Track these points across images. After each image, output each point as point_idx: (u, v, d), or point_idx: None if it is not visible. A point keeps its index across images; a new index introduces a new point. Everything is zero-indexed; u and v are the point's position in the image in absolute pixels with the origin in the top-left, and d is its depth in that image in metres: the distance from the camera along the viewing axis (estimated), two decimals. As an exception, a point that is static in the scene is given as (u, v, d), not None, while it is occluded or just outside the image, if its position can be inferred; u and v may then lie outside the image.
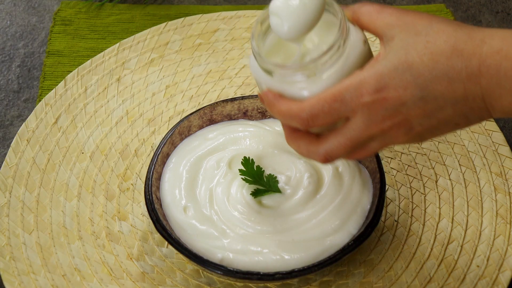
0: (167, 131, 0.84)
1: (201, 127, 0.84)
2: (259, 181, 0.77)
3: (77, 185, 0.84)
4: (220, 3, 1.07)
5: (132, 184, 0.85)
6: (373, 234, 0.80)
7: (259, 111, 0.85)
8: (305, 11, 0.63)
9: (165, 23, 1.00)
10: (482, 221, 0.81)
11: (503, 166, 0.85)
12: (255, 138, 0.83)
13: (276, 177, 0.78)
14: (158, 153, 0.80)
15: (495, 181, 0.84)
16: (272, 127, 0.84)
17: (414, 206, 0.83)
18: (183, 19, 1.00)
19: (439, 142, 0.88)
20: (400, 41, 0.60)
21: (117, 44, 0.97)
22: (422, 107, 0.59)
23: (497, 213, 0.82)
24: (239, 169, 0.78)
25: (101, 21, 1.04)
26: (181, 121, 0.82)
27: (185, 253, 0.72)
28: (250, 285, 0.77)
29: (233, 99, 0.84)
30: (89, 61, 0.96)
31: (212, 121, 0.85)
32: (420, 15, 0.62)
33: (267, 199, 0.77)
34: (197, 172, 0.80)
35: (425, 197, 0.83)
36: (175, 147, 0.82)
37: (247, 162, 0.78)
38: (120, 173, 0.86)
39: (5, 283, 0.76)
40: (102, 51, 0.97)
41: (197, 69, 0.96)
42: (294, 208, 0.76)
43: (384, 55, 0.60)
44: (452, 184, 0.84)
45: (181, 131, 0.83)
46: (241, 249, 0.74)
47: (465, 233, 0.80)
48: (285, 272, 0.71)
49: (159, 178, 0.80)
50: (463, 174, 0.85)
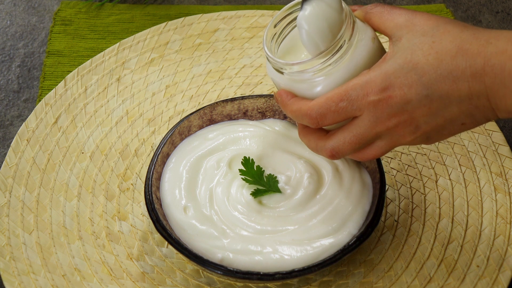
0: (167, 131, 0.84)
1: (201, 127, 0.84)
2: (259, 181, 0.77)
3: (77, 185, 0.84)
4: (220, 3, 1.07)
5: (132, 184, 0.85)
6: (373, 234, 0.80)
7: (259, 111, 0.85)
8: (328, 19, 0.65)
9: (165, 23, 1.00)
10: (482, 221, 0.81)
11: (503, 166, 0.85)
12: (255, 138, 0.83)
13: (276, 177, 0.78)
14: (158, 153, 0.80)
15: (495, 181, 0.84)
16: (272, 127, 0.84)
17: (414, 206, 0.83)
18: (183, 19, 1.00)
19: (439, 142, 0.88)
20: (407, 41, 0.61)
21: (117, 44, 0.97)
22: (427, 105, 0.60)
23: (497, 213, 0.82)
24: (239, 169, 0.78)
25: (101, 21, 1.04)
26: (181, 121, 0.82)
27: (185, 253, 0.72)
28: (250, 285, 0.77)
29: (233, 99, 0.84)
30: (89, 61, 0.96)
31: (212, 121, 0.85)
32: (428, 16, 0.62)
33: (267, 199, 0.77)
34: (197, 172, 0.80)
35: (425, 197, 0.83)
36: (175, 147, 0.82)
37: (247, 162, 0.78)
38: (120, 173, 0.86)
39: (5, 283, 0.76)
40: (102, 51, 0.97)
41: (197, 69, 0.96)
42: (294, 208, 0.76)
43: (391, 55, 0.62)
44: (452, 184, 0.84)
45: (181, 131, 0.83)
46: (241, 249, 0.74)
47: (465, 233, 0.80)
48: (285, 272, 0.71)
49: (159, 178, 0.80)
50: (463, 174, 0.85)
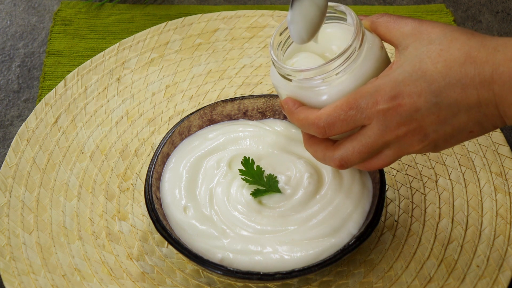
0: (167, 131, 0.84)
1: (201, 127, 0.84)
2: (259, 181, 0.77)
3: (77, 185, 0.84)
4: (220, 3, 1.07)
5: (132, 184, 0.85)
6: (373, 234, 0.80)
7: (259, 111, 0.85)
8: (309, 15, 0.66)
9: (165, 23, 1.00)
10: (482, 221, 0.81)
11: (503, 166, 0.85)
12: (255, 138, 0.83)
13: (276, 177, 0.78)
14: (158, 153, 0.80)
15: (495, 181, 0.84)
16: (272, 127, 0.84)
17: (414, 206, 0.83)
18: (183, 18, 1.00)
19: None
20: (414, 49, 0.61)
21: (117, 43, 0.97)
22: (436, 113, 0.60)
23: (497, 213, 0.82)
24: (239, 169, 0.78)
25: (101, 21, 1.04)
26: (181, 121, 0.82)
27: (185, 253, 0.72)
28: (250, 285, 0.77)
29: (233, 99, 0.84)
30: (89, 61, 0.96)
31: (212, 121, 0.85)
32: (434, 24, 0.63)
33: (267, 199, 0.77)
34: (197, 172, 0.80)
35: (425, 197, 0.83)
36: (175, 147, 0.82)
37: (247, 162, 0.78)
38: (120, 173, 0.86)
39: (5, 283, 0.76)
40: (102, 51, 0.97)
41: (197, 69, 0.96)
42: (294, 208, 0.76)
43: (399, 64, 0.61)
44: (452, 184, 0.84)
45: (181, 131, 0.83)
46: (241, 249, 0.74)
47: (465, 233, 0.80)
48: (285, 272, 0.71)
49: (159, 178, 0.80)
50: (463, 174, 0.85)
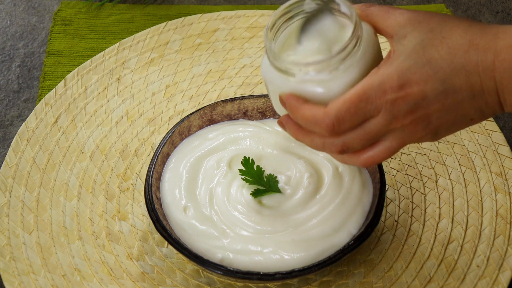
0: (167, 131, 0.84)
1: (201, 127, 0.84)
2: (259, 181, 0.77)
3: (77, 185, 0.84)
4: (220, 3, 1.07)
5: (132, 184, 0.85)
6: (373, 234, 0.80)
7: (259, 111, 0.85)
8: None
9: (165, 23, 1.00)
10: (482, 221, 0.81)
11: (503, 166, 0.85)
12: (255, 138, 0.83)
13: (276, 177, 0.78)
14: (158, 153, 0.80)
15: (495, 181, 0.84)
16: (272, 127, 0.84)
17: (414, 206, 0.83)
18: (183, 18, 1.00)
19: (439, 142, 0.88)
20: (413, 38, 0.61)
21: (117, 43, 0.97)
22: (442, 101, 0.60)
23: (497, 213, 0.82)
24: (239, 169, 0.78)
25: (101, 21, 1.04)
26: (181, 121, 0.82)
27: (185, 253, 0.72)
28: (250, 285, 0.77)
29: (233, 99, 0.84)
30: (89, 61, 0.96)
31: (212, 121, 0.85)
32: (431, 14, 0.62)
33: (267, 199, 0.77)
34: (197, 172, 0.80)
35: (425, 197, 0.83)
36: (175, 147, 0.82)
37: (247, 162, 0.78)
38: (120, 173, 0.86)
39: (5, 283, 0.76)
40: (102, 51, 0.97)
41: (197, 69, 0.96)
42: (294, 208, 0.76)
43: (399, 52, 0.61)
44: (452, 184, 0.84)
45: (181, 131, 0.83)
46: (241, 249, 0.74)
47: (465, 233, 0.80)
48: (285, 272, 0.71)
49: (159, 178, 0.80)
50: (463, 174, 0.85)
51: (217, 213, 0.77)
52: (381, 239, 0.80)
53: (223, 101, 0.84)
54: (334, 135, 0.64)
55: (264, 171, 0.78)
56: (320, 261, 0.72)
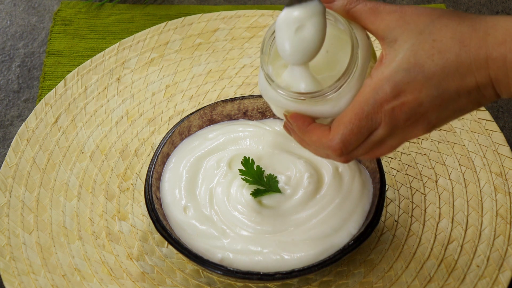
0: (167, 131, 0.84)
1: (201, 127, 0.84)
2: (259, 181, 0.77)
3: (77, 185, 0.84)
4: (220, 3, 1.07)
5: (132, 184, 0.85)
6: (373, 234, 0.80)
7: (259, 111, 0.85)
8: (309, 41, 0.63)
9: (165, 23, 1.00)
10: (482, 221, 0.81)
11: (503, 166, 0.85)
12: (255, 138, 0.83)
13: (276, 177, 0.78)
14: (158, 153, 0.80)
15: (495, 181, 0.84)
16: (272, 127, 0.84)
17: (414, 206, 0.83)
18: (183, 18, 1.00)
19: (439, 142, 0.88)
20: (404, 42, 0.60)
21: (117, 43, 0.97)
22: (438, 103, 0.61)
23: (497, 213, 0.82)
24: (239, 169, 0.78)
25: (101, 21, 1.04)
26: (181, 121, 0.82)
27: (185, 253, 0.72)
28: (250, 285, 0.77)
29: (233, 99, 0.84)
30: (89, 61, 0.95)
31: (212, 121, 0.85)
32: (418, 11, 0.62)
33: (267, 199, 0.77)
34: (197, 172, 0.80)
35: (425, 197, 0.83)
36: (175, 147, 0.82)
37: (247, 162, 0.78)
38: (120, 173, 0.86)
39: (5, 283, 0.76)
40: (102, 51, 0.97)
41: (197, 69, 0.96)
42: (294, 208, 0.76)
43: (390, 58, 0.61)
44: (452, 184, 0.84)
45: (181, 131, 0.83)
46: (241, 249, 0.74)
47: (465, 233, 0.80)
48: (285, 272, 0.71)
49: (159, 178, 0.80)
50: (463, 174, 0.85)
51: (217, 213, 0.77)
52: (381, 239, 0.80)
53: (223, 101, 0.84)
54: (342, 156, 0.65)
55: (264, 171, 0.78)
56: (320, 261, 0.72)
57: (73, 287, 0.76)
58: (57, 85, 0.93)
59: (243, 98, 0.84)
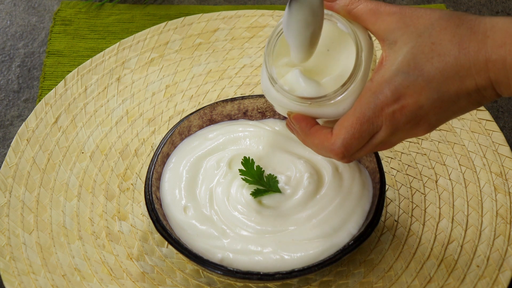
0: (167, 131, 0.84)
1: (201, 127, 0.84)
2: (259, 181, 0.77)
3: (77, 185, 0.84)
4: (220, 3, 1.07)
5: (132, 184, 0.85)
6: (373, 234, 0.80)
7: (259, 111, 0.85)
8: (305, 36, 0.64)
9: (165, 23, 1.00)
10: (482, 221, 0.81)
11: (503, 166, 0.85)
12: (255, 138, 0.83)
13: (276, 177, 0.78)
14: (158, 153, 0.80)
15: (495, 181, 0.84)
16: (272, 127, 0.84)
17: (414, 206, 0.83)
18: (183, 18, 1.00)
19: (439, 142, 0.88)
20: (404, 44, 0.61)
21: (117, 43, 0.97)
22: (438, 106, 0.61)
23: (497, 213, 0.82)
24: (239, 169, 0.78)
25: (101, 21, 1.04)
26: (181, 121, 0.82)
27: (185, 253, 0.72)
28: (250, 285, 0.77)
29: (233, 99, 0.84)
30: (89, 61, 0.95)
31: (212, 121, 0.85)
32: (418, 13, 0.62)
33: (267, 199, 0.77)
34: (197, 172, 0.80)
35: (425, 197, 0.83)
36: (175, 147, 0.82)
37: (247, 162, 0.78)
38: (120, 173, 0.86)
39: (5, 283, 0.76)
40: (102, 51, 0.97)
41: (197, 69, 0.96)
42: (294, 208, 0.76)
43: (390, 60, 0.61)
44: (452, 184, 0.84)
45: (181, 131, 0.83)
46: (241, 249, 0.74)
47: (465, 233, 0.80)
48: (285, 272, 0.71)
49: (159, 178, 0.80)
50: (463, 174, 0.85)
51: (217, 213, 0.77)
52: (381, 239, 0.80)
53: (223, 101, 0.84)
54: (344, 159, 0.66)
55: (264, 171, 0.78)
56: (320, 261, 0.72)
57: (73, 287, 0.76)
58: (57, 85, 0.93)
59: (243, 98, 0.84)
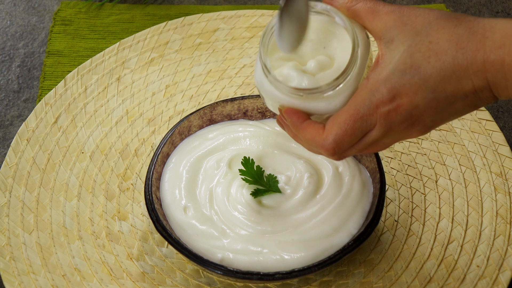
0: (167, 131, 0.84)
1: (201, 127, 0.84)
2: (259, 181, 0.77)
3: (77, 185, 0.84)
4: (220, 3, 1.07)
5: (132, 184, 0.85)
6: (373, 234, 0.80)
7: (259, 111, 0.85)
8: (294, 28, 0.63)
9: (165, 23, 1.00)
10: (482, 221, 0.81)
11: (503, 166, 0.85)
12: (255, 138, 0.83)
13: (276, 177, 0.78)
14: (158, 153, 0.80)
15: (495, 181, 0.84)
16: (272, 127, 0.84)
17: (414, 206, 0.83)
18: (183, 18, 1.00)
19: (439, 142, 0.88)
20: (401, 43, 0.60)
21: (117, 43, 0.97)
22: (434, 106, 0.60)
23: (497, 213, 0.82)
24: (239, 169, 0.78)
25: (101, 21, 1.04)
26: (181, 121, 0.82)
27: (185, 253, 0.72)
28: (250, 285, 0.77)
29: (233, 99, 0.84)
30: (89, 61, 0.95)
31: (212, 121, 0.85)
32: (416, 12, 0.61)
33: (267, 199, 0.77)
34: (197, 172, 0.80)
35: (425, 197, 0.83)
36: (175, 147, 0.82)
37: (247, 162, 0.78)
38: (120, 173, 0.86)
39: (5, 283, 0.76)
40: (102, 51, 0.97)
41: (197, 69, 0.96)
42: (294, 208, 0.76)
43: (387, 59, 0.61)
44: (452, 184, 0.84)
45: (181, 131, 0.83)
46: (241, 249, 0.74)
47: (465, 233, 0.80)
48: (285, 272, 0.71)
49: (159, 178, 0.80)
50: (463, 174, 0.85)
51: (217, 213, 0.77)
52: (381, 239, 0.80)
53: (223, 101, 0.84)
54: (335, 155, 0.64)
55: (264, 171, 0.78)
56: (320, 261, 0.72)
57: (73, 287, 0.76)
58: (57, 85, 0.93)
59: (243, 98, 0.84)
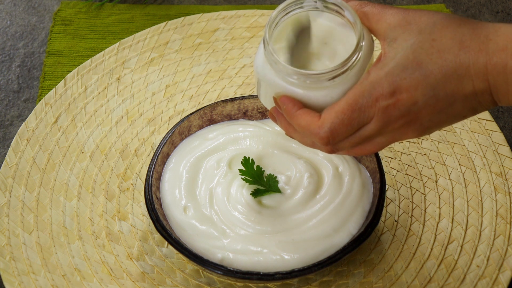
0: (167, 131, 0.84)
1: (201, 127, 0.84)
2: (259, 181, 0.77)
3: (77, 185, 0.84)
4: (220, 3, 1.07)
5: (132, 184, 0.85)
6: (373, 234, 0.80)
7: (259, 111, 0.85)
8: None
9: (165, 23, 1.00)
10: (482, 221, 0.81)
11: (503, 166, 0.85)
12: (255, 138, 0.83)
13: (276, 177, 0.78)
14: (158, 153, 0.80)
15: (495, 181, 0.84)
16: (272, 127, 0.84)
17: (414, 206, 0.83)
18: (183, 18, 1.00)
19: (439, 142, 0.88)
20: (404, 41, 0.60)
21: (117, 43, 0.97)
22: (433, 105, 0.60)
23: (497, 213, 0.82)
24: (239, 169, 0.78)
25: (101, 21, 1.04)
26: (181, 121, 0.82)
27: (185, 253, 0.72)
28: (250, 285, 0.77)
29: (233, 99, 0.84)
30: (89, 61, 0.95)
31: (212, 121, 0.85)
32: (421, 13, 0.62)
33: (267, 199, 0.77)
34: (197, 172, 0.80)
35: (425, 197, 0.83)
36: (175, 147, 0.82)
37: (247, 162, 0.78)
38: (120, 173, 0.86)
39: (5, 283, 0.76)
40: (102, 51, 0.97)
41: (197, 69, 0.96)
42: (294, 208, 0.76)
43: (389, 55, 0.61)
44: (452, 184, 0.84)
45: (181, 131, 0.83)
46: (241, 249, 0.74)
47: (465, 233, 0.80)
48: (285, 272, 0.71)
49: (159, 178, 0.80)
50: (463, 174, 0.85)
51: (217, 213, 0.77)
52: (381, 239, 0.80)
53: (223, 101, 0.84)
54: (328, 145, 0.64)
55: (264, 171, 0.78)
56: (320, 261, 0.72)
57: (73, 287, 0.76)
58: (57, 85, 0.93)
59: (243, 98, 0.84)
